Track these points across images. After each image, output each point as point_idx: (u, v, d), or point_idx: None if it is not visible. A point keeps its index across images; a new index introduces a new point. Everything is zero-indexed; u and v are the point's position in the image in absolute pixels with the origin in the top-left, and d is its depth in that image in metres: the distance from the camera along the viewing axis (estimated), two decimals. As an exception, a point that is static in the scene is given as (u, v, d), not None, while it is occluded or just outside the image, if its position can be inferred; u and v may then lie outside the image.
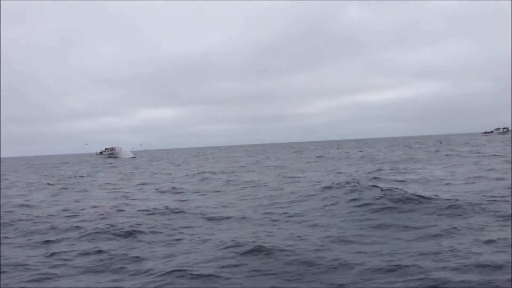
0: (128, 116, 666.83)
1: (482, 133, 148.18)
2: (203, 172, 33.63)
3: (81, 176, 38.24)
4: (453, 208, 12.39)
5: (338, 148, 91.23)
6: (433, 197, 14.03)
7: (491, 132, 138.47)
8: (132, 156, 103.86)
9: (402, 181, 19.90)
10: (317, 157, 53.35)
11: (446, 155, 39.62)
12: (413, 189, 16.43)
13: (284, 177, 26.80)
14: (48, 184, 30.15)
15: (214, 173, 33.06)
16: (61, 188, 26.38)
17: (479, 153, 39.25)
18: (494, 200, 13.21)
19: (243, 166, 41.46)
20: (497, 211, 11.74)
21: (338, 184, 18.32)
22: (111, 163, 72.79)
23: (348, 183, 18.40)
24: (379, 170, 26.24)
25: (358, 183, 18.08)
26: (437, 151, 49.26)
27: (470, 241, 9.14)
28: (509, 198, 13.32)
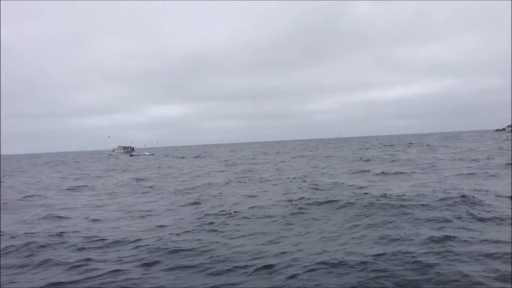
0: (138, 112, 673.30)
1: (494, 130, 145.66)
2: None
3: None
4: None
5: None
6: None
7: (503, 129, 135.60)
8: (149, 153, 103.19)
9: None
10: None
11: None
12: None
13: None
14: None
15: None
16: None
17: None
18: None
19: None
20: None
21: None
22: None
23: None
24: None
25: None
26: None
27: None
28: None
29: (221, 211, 13.55)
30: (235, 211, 13.24)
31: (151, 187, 22.67)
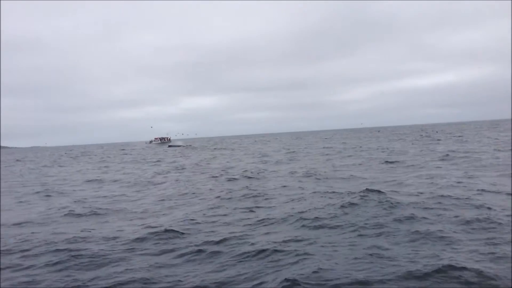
0: (171, 104, 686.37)
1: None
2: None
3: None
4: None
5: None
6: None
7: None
8: (183, 144, 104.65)
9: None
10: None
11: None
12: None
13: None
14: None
15: None
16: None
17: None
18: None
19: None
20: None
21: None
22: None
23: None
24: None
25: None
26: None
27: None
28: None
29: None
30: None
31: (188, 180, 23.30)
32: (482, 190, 13.69)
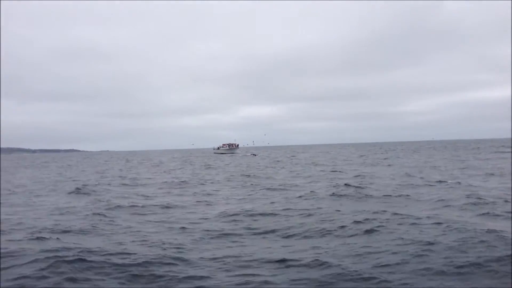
0: (229, 113, 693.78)
1: None
2: None
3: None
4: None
5: None
6: None
7: None
8: (256, 154, 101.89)
9: None
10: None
11: None
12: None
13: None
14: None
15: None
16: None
17: None
18: None
19: None
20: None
21: None
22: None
23: None
24: None
25: None
26: None
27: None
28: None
29: None
30: None
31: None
32: None
